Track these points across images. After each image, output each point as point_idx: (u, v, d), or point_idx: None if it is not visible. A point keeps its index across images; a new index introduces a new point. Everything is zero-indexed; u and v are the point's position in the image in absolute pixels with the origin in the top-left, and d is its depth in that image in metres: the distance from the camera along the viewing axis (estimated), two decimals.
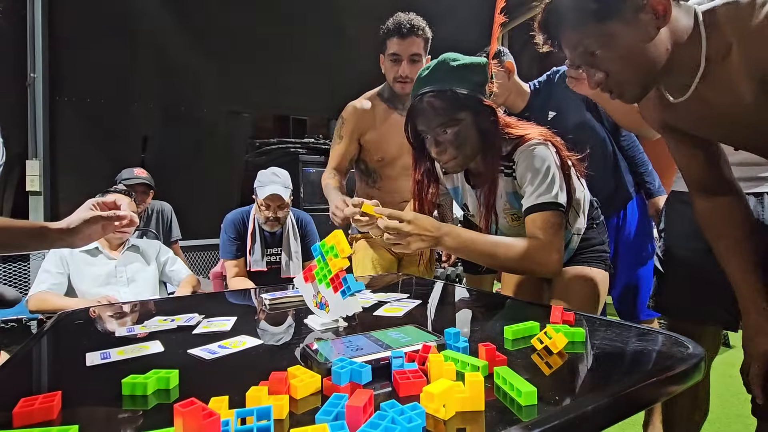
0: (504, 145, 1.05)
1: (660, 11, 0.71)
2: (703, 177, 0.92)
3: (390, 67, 1.58)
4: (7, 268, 2.82)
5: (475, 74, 1.01)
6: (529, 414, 0.45)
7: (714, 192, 0.92)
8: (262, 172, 1.98)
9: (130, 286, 1.90)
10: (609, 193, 1.59)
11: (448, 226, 0.95)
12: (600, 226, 1.21)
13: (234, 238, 1.99)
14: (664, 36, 0.73)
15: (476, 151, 1.05)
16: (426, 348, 0.57)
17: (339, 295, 0.78)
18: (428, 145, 1.05)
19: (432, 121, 1.00)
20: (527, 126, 1.08)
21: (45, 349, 0.77)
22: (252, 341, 0.72)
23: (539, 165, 0.99)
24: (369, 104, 1.67)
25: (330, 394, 0.47)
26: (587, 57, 0.77)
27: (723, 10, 0.70)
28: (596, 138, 1.57)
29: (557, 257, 0.96)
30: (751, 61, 0.68)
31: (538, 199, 0.98)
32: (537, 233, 0.97)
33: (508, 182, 1.08)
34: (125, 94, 3.33)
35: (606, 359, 0.62)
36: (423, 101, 1.00)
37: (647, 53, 0.73)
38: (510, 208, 1.11)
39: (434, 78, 1.00)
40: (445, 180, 1.24)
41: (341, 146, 1.67)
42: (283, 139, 3.56)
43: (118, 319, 0.96)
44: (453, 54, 1.03)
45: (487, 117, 1.02)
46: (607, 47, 0.74)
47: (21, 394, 0.49)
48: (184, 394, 0.53)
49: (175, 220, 2.80)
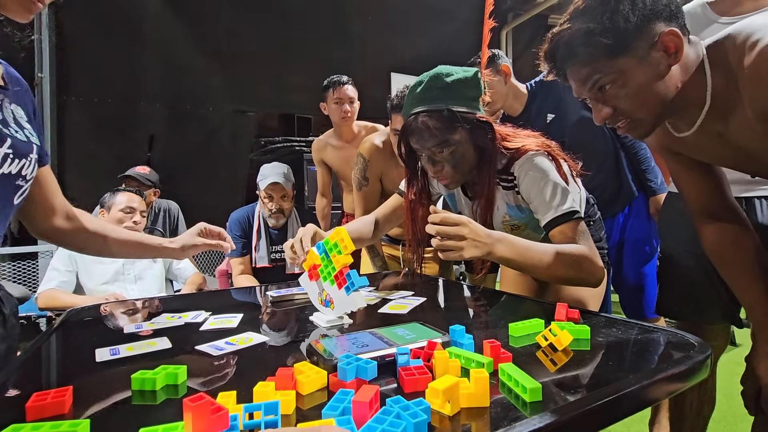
0: (500, 159, 1.03)
1: (671, 48, 0.70)
2: (708, 202, 0.90)
3: (395, 141, 1.56)
4: (17, 265, 2.85)
5: (470, 89, 0.99)
6: (534, 410, 0.45)
7: (720, 218, 0.89)
8: (264, 165, 2.01)
9: (137, 284, 1.92)
10: (612, 192, 1.58)
11: (499, 234, 0.89)
12: (597, 224, 1.21)
13: (239, 236, 2.00)
14: (675, 73, 0.72)
15: (473, 167, 1.03)
16: (431, 345, 0.57)
17: (343, 291, 0.79)
18: (424, 162, 1.04)
19: (428, 141, 0.98)
20: (522, 136, 1.06)
21: (55, 345, 0.78)
22: (258, 338, 0.73)
23: (546, 177, 0.97)
24: (384, 143, 1.65)
25: (336, 390, 0.48)
26: (596, 92, 0.75)
27: (725, 45, 0.69)
28: (597, 137, 1.57)
29: (601, 265, 0.93)
30: (746, 99, 0.67)
31: (558, 210, 0.96)
32: (577, 242, 0.93)
33: (507, 194, 1.07)
34: (132, 94, 3.36)
35: (611, 356, 0.62)
36: (417, 120, 0.97)
37: (658, 90, 0.72)
38: (510, 220, 1.10)
39: (428, 96, 0.98)
40: (440, 187, 1.22)
41: (369, 189, 1.63)
42: (288, 137, 3.57)
43: (126, 316, 0.97)
44: (446, 68, 1.00)
45: (484, 133, 1.01)
46: (618, 84, 0.72)
47: (33, 389, 0.50)
48: (192, 389, 0.54)
49: (182, 219, 2.82)
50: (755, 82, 0.64)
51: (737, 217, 0.89)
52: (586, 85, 0.76)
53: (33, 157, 0.74)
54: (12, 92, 0.75)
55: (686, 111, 0.75)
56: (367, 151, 1.66)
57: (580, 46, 0.73)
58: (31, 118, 0.79)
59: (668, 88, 0.72)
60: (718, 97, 0.71)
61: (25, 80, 0.82)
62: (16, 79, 0.79)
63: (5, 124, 0.70)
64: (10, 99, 0.74)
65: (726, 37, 0.69)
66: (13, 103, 0.74)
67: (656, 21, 0.70)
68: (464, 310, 0.99)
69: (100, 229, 0.96)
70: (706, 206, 0.91)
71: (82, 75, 3.09)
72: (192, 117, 3.58)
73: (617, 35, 0.70)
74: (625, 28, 0.69)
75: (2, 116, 0.71)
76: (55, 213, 0.89)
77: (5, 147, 0.68)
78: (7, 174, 0.69)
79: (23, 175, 0.72)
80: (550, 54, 0.79)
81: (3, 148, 0.67)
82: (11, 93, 0.75)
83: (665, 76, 0.71)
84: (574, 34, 0.73)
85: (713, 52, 0.71)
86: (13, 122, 0.72)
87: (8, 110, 0.73)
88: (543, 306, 0.92)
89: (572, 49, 0.74)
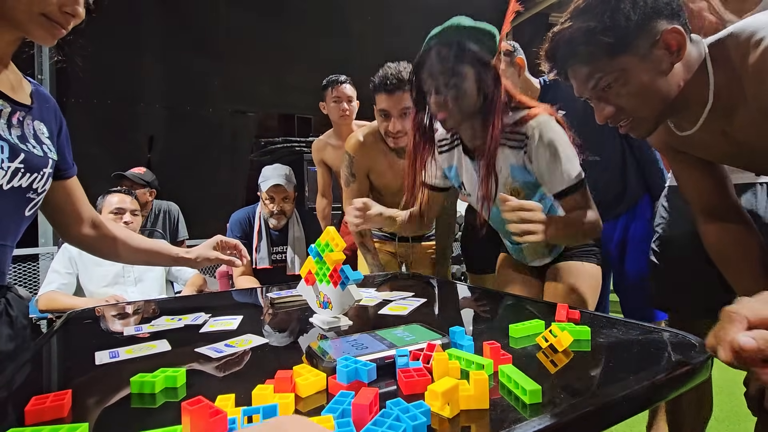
0: (511, 113, 1.07)
1: (673, 46, 0.69)
2: (710, 201, 0.89)
3: (380, 121, 1.56)
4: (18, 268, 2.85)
5: (485, 37, 1.01)
6: (534, 412, 0.45)
7: (722, 217, 0.88)
8: (266, 167, 2.02)
9: (137, 286, 1.92)
10: (617, 193, 1.57)
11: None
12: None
13: (240, 237, 2.00)
14: (678, 71, 0.71)
15: (475, 110, 1.04)
16: (431, 346, 0.57)
17: (339, 288, 0.79)
18: (430, 100, 1.06)
19: (435, 68, 1.01)
20: (534, 102, 1.10)
21: (55, 348, 0.78)
22: (258, 340, 0.73)
23: (561, 144, 1.02)
24: (369, 141, 1.64)
25: (335, 393, 0.48)
26: (597, 91, 0.75)
27: (727, 43, 0.69)
28: (607, 137, 1.55)
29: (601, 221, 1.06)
30: (750, 96, 0.67)
31: (571, 180, 1.02)
32: (589, 206, 1.04)
33: (514, 154, 1.08)
34: (131, 95, 3.36)
35: (611, 357, 0.62)
36: (430, 52, 1.02)
37: (660, 89, 0.71)
38: (512, 182, 1.11)
39: (444, 36, 1.02)
40: (441, 161, 1.24)
41: (356, 186, 1.66)
42: (288, 138, 3.57)
43: (126, 319, 0.97)
44: (465, 18, 1.03)
45: (491, 80, 1.02)
46: (620, 82, 0.72)
47: (32, 392, 0.50)
48: (191, 392, 0.54)
49: (182, 220, 2.82)
50: (760, 79, 0.64)
51: (740, 216, 0.88)
52: (588, 84, 0.75)
53: (47, 172, 0.78)
54: (37, 110, 0.80)
55: (689, 109, 0.75)
56: (351, 147, 1.65)
57: (581, 44, 0.72)
58: (53, 134, 0.83)
59: (671, 87, 0.71)
60: (720, 94, 0.71)
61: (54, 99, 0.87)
62: (45, 98, 0.84)
63: (23, 140, 0.74)
64: (34, 116, 0.79)
65: (728, 36, 0.69)
66: (36, 120, 0.79)
67: (658, 19, 0.69)
68: (464, 311, 0.99)
69: (124, 236, 1.02)
70: (708, 205, 0.90)
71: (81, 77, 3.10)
72: (192, 118, 3.59)
73: (618, 33, 0.69)
74: (626, 26, 0.69)
75: (22, 132, 0.75)
76: (82, 221, 0.95)
77: (17, 161, 0.71)
78: (17, 187, 0.73)
79: (34, 189, 0.76)
80: (550, 53, 0.79)
81: (15, 162, 0.71)
82: (36, 110, 0.79)
83: (667, 74, 0.71)
84: (575, 33, 0.73)
85: (715, 50, 0.71)
86: (32, 138, 0.76)
87: (29, 126, 0.77)
88: (543, 307, 0.92)
89: (573, 48, 0.74)
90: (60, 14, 0.69)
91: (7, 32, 0.72)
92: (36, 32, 0.70)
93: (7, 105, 0.73)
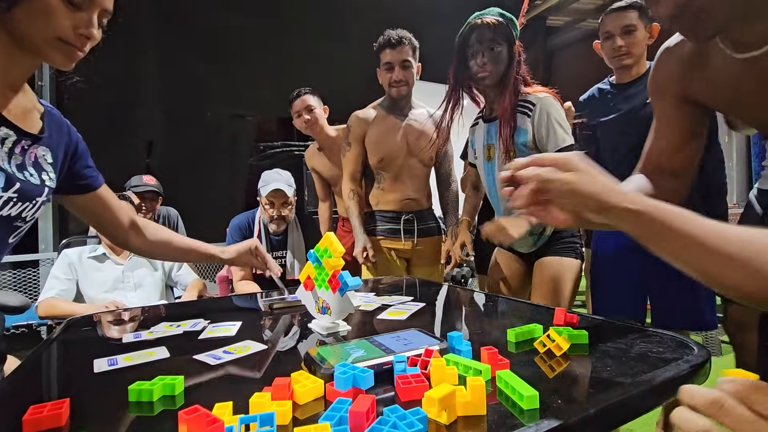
0: (524, 88, 1.35)
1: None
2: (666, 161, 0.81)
3: (385, 75, 1.80)
4: (18, 274, 2.85)
5: (512, 24, 1.32)
6: (532, 418, 0.45)
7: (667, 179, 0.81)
8: (266, 172, 2.02)
9: (137, 291, 1.92)
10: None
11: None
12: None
13: (240, 241, 1.99)
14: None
15: (502, 76, 1.33)
16: (428, 352, 0.57)
17: (338, 293, 0.79)
18: (472, 59, 1.33)
19: (485, 34, 1.30)
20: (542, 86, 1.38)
21: (54, 356, 0.78)
22: (257, 346, 0.73)
23: (558, 114, 1.29)
24: (370, 111, 1.87)
25: (333, 400, 0.48)
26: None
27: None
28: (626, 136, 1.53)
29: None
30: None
31: (566, 143, 1.28)
32: None
33: (523, 119, 1.32)
34: (130, 100, 3.36)
35: (610, 361, 0.62)
36: (481, 22, 1.29)
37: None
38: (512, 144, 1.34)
39: (489, 15, 1.31)
40: (470, 134, 1.55)
41: (351, 152, 1.87)
42: (287, 141, 3.58)
43: (125, 325, 0.97)
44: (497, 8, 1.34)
45: (515, 54, 1.33)
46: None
47: (30, 401, 0.50)
48: (189, 400, 0.54)
49: (182, 225, 2.82)
50: None
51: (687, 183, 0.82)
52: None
53: (40, 200, 0.78)
54: (46, 137, 0.79)
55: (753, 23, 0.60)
56: (350, 119, 1.89)
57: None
58: (57, 160, 0.83)
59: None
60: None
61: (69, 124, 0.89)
62: (57, 121, 0.84)
63: (21, 168, 0.74)
64: (41, 143, 0.78)
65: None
66: (42, 146, 0.79)
67: None
68: (462, 315, 0.99)
69: (165, 237, 1.08)
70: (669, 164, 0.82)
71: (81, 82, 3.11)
72: (190, 122, 3.60)
73: None
74: None
75: (22, 160, 0.74)
76: (122, 227, 1.00)
77: (11, 191, 0.71)
78: (6, 216, 0.73)
79: (23, 217, 0.76)
80: None
81: (8, 192, 0.71)
82: (45, 140, 0.79)
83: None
84: None
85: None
86: (31, 166, 0.76)
87: (30, 155, 0.76)
88: (541, 311, 0.92)
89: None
90: (76, 37, 0.69)
91: (25, 58, 0.72)
92: (54, 57, 0.70)
93: (12, 134, 0.72)
